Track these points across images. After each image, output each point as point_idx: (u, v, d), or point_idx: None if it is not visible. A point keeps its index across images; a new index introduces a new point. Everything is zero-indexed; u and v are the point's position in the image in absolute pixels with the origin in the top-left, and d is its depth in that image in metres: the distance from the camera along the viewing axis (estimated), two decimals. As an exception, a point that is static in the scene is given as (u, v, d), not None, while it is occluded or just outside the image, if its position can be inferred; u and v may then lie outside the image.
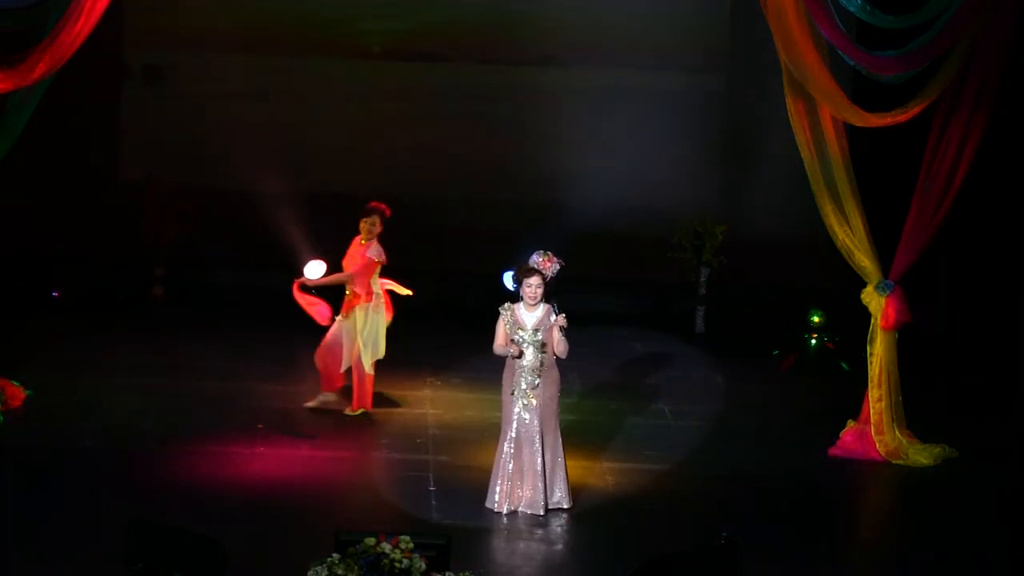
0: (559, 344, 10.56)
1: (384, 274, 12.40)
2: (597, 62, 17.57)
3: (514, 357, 10.57)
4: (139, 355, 14.22)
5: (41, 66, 11.60)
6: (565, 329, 10.52)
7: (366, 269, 12.25)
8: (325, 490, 11.10)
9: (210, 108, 17.07)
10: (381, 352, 12.42)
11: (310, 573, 8.43)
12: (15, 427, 12.00)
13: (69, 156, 16.78)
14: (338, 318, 12.48)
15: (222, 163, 16.56)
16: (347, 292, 12.42)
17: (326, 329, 12.46)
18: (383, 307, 12.43)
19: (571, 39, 17.58)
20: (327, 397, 12.68)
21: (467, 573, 8.82)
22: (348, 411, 12.58)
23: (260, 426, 12.33)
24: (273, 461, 11.72)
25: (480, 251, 16.13)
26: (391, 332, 12.38)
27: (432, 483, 11.30)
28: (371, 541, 8.47)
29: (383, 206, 12.40)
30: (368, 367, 12.40)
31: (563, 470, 10.79)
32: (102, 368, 13.68)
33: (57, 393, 12.82)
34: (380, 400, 13.33)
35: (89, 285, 16.41)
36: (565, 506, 10.77)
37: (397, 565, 8.36)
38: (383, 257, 12.31)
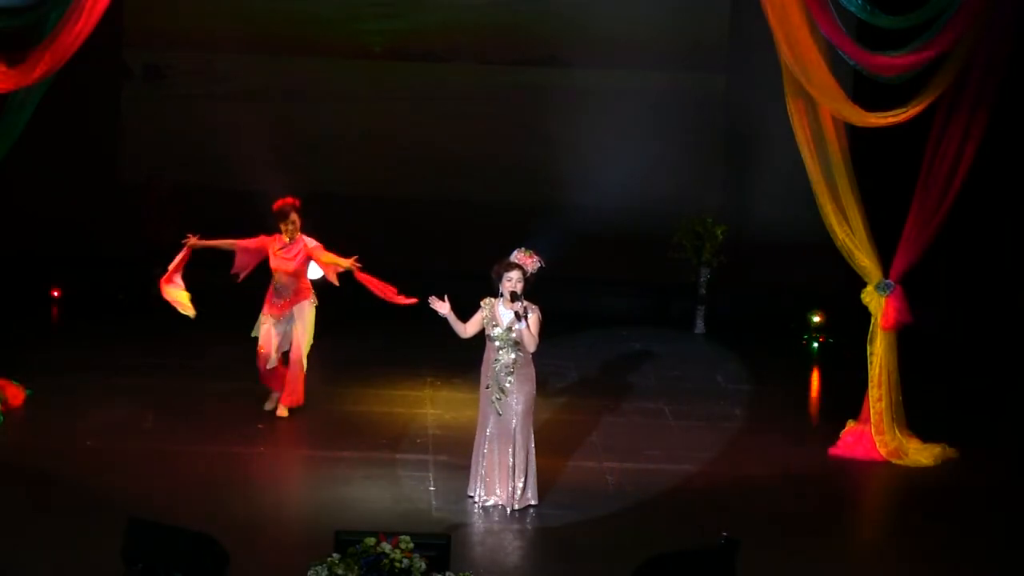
0: (524, 336, 10.59)
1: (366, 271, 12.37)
2: (597, 62, 17.56)
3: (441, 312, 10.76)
4: (139, 355, 14.21)
5: (41, 66, 11.59)
6: (522, 317, 10.51)
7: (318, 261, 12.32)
8: (325, 490, 11.10)
9: (210, 108, 17.04)
10: (310, 341, 12.47)
11: (310, 573, 8.44)
12: (15, 427, 12.00)
13: (69, 156, 16.77)
14: (269, 319, 12.36)
15: (222, 163, 16.54)
16: (279, 292, 12.32)
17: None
18: (315, 301, 12.46)
19: (571, 39, 17.57)
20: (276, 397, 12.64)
21: (467, 573, 8.83)
22: (282, 411, 12.48)
23: (260, 426, 12.34)
24: (273, 461, 11.72)
25: (479, 251, 16.10)
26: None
27: (432, 483, 11.30)
28: (371, 541, 8.48)
29: (290, 200, 12.30)
30: (303, 360, 12.40)
31: (534, 467, 10.87)
32: (102, 368, 13.68)
33: (57, 393, 12.82)
34: (380, 400, 13.34)
35: (89, 285, 16.40)
36: (533, 503, 10.86)
37: (397, 565, 8.37)
38: (316, 244, 12.35)
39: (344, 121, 17.54)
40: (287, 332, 12.39)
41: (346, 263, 12.14)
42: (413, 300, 11.71)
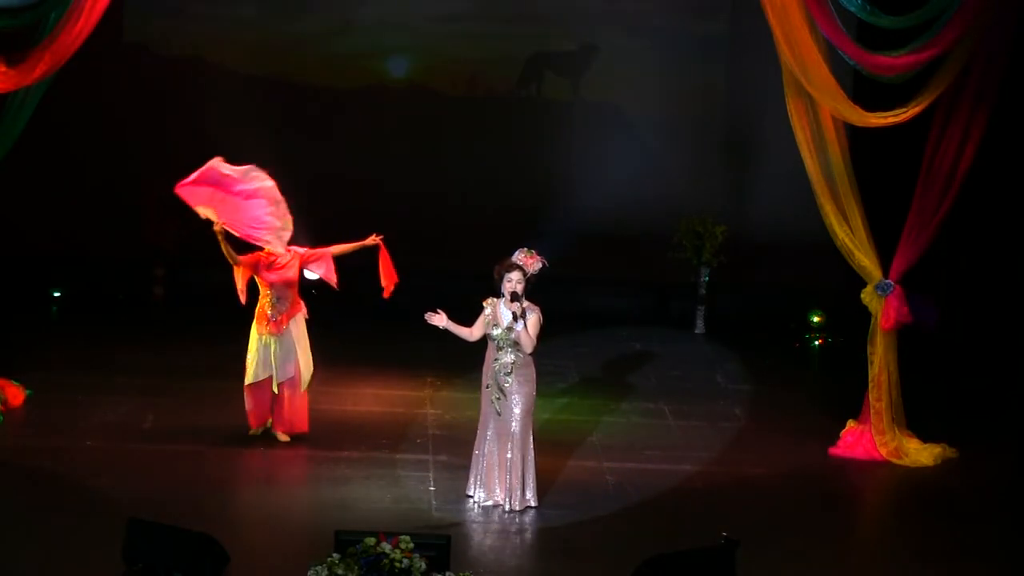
0: (522, 337, 10.59)
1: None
2: (598, 62, 17.58)
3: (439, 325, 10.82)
4: (139, 355, 14.22)
5: (41, 66, 11.60)
6: (519, 317, 10.50)
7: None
8: (325, 490, 11.10)
9: (210, 108, 17.02)
10: (311, 366, 12.05)
11: (310, 573, 8.44)
12: (15, 427, 12.00)
13: (69, 156, 16.77)
14: (261, 337, 11.86)
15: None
16: (275, 306, 11.86)
17: None
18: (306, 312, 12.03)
19: (571, 39, 17.59)
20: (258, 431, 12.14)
21: (467, 573, 8.83)
22: (283, 437, 12.01)
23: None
24: (273, 461, 11.72)
25: (480, 251, 16.11)
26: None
27: (432, 483, 11.31)
28: (371, 541, 8.48)
29: None
30: (306, 384, 11.99)
31: (533, 468, 10.85)
32: (102, 368, 13.68)
33: (57, 393, 12.82)
34: (380, 400, 13.35)
35: (89, 285, 16.40)
36: (533, 504, 10.84)
37: (397, 565, 8.37)
38: (307, 250, 11.94)
39: (344, 121, 17.54)
40: (288, 354, 11.90)
41: (370, 241, 11.95)
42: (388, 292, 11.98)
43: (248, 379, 11.91)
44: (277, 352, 11.92)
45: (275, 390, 11.96)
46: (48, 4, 11.57)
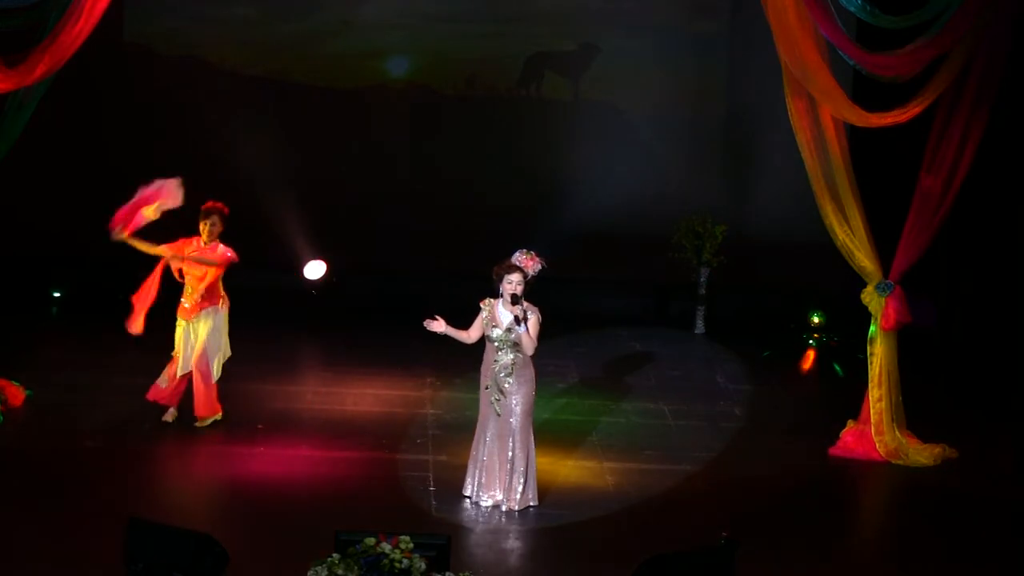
0: (523, 340, 10.59)
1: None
2: (598, 62, 17.57)
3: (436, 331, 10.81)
4: (139, 355, 14.19)
5: (41, 66, 11.60)
6: (522, 321, 10.50)
7: (222, 265, 12.14)
8: (325, 490, 11.10)
9: (210, 109, 17.03)
10: (228, 352, 12.31)
11: (310, 573, 8.44)
12: (15, 427, 12.00)
13: (69, 156, 16.76)
14: (181, 322, 12.28)
15: (222, 163, 16.53)
16: (190, 295, 12.25)
17: None
18: (226, 308, 12.28)
19: (571, 39, 17.59)
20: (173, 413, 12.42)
21: (467, 573, 8.84)
22: (200, 422, 12.22)
23: (260, 426, 12.33)
24: (273, 461, 11.72)
25: (479, 251, 16.13)
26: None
27: (432, 483, 11.31)
28: (371, 541, 8.48)
29: (220, 205, 12.21)
30: (217, 372, 12.20)
31: (534, 468, 10.87)
32: (102, 368, 13.68)
33: (57, 393, 12.82)
34: (380, 400, 13.34)
35: (89, 285, 16.39)
36: (533, 503, 10.86)
37: (397, 565, 8.37)
38: (234, 254, 12.17)
39: (345, 122, 17.54)
40: (195, 343, 12.22)
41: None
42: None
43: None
44: (187, 338, 12.21)
45: (178, 373, 12.20)
46: (48, 4, 11.58)
